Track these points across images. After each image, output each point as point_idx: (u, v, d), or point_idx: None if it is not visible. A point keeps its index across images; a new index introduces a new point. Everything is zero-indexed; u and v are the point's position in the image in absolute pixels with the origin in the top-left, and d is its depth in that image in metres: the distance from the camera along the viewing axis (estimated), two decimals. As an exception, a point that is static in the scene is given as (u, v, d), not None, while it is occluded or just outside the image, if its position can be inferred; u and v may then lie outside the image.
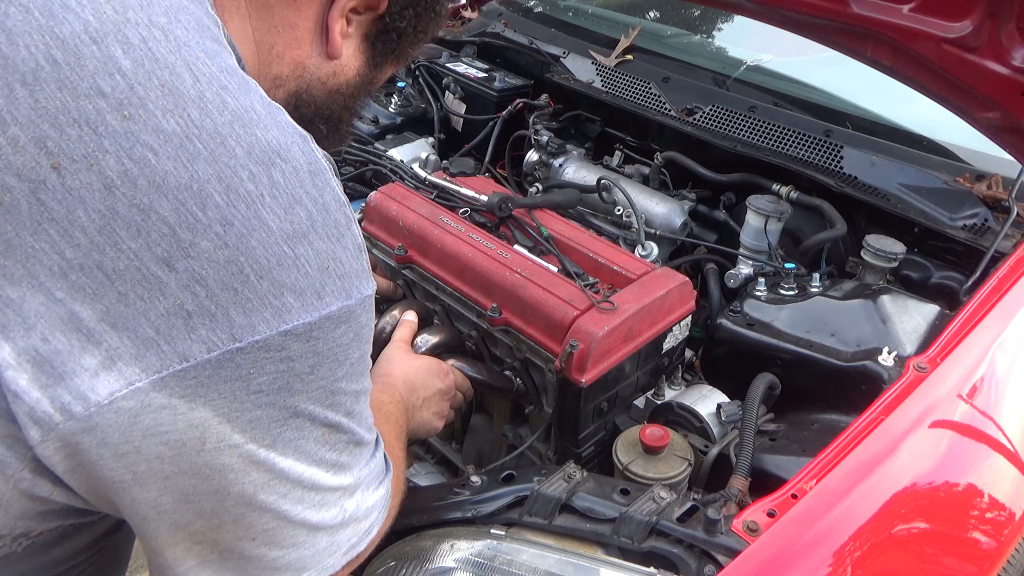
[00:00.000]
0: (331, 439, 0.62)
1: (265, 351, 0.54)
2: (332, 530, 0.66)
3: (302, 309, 0.55)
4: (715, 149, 1.69)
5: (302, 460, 0.60)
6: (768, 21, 1.68)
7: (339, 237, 0.59)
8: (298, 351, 0.56)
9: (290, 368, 0.56)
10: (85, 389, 0.51)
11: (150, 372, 0.51)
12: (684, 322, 1.28)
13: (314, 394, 0.59)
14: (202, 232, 0.52)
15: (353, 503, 0.67)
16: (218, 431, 0.54)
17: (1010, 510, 1.06)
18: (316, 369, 0.58)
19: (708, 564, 0.85)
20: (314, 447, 0.61)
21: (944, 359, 1.10)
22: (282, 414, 0.57)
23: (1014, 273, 1.26)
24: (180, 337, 0.52)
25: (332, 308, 0.57)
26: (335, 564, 0.67)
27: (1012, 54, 1.35)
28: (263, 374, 0.55)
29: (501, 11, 2.29)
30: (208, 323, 0.52)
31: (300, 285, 0.55)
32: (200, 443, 0.54)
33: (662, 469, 1.06)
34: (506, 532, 0.91)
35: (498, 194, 1.40)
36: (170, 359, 0.52)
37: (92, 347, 0.51)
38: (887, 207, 1.48)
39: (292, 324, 0.55)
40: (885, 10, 1.45)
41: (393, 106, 2.00)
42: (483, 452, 1.36)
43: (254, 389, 0.55)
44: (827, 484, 0.91)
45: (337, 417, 0.62)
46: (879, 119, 1.68)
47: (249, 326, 0.53)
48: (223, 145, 0.54)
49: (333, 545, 0.67)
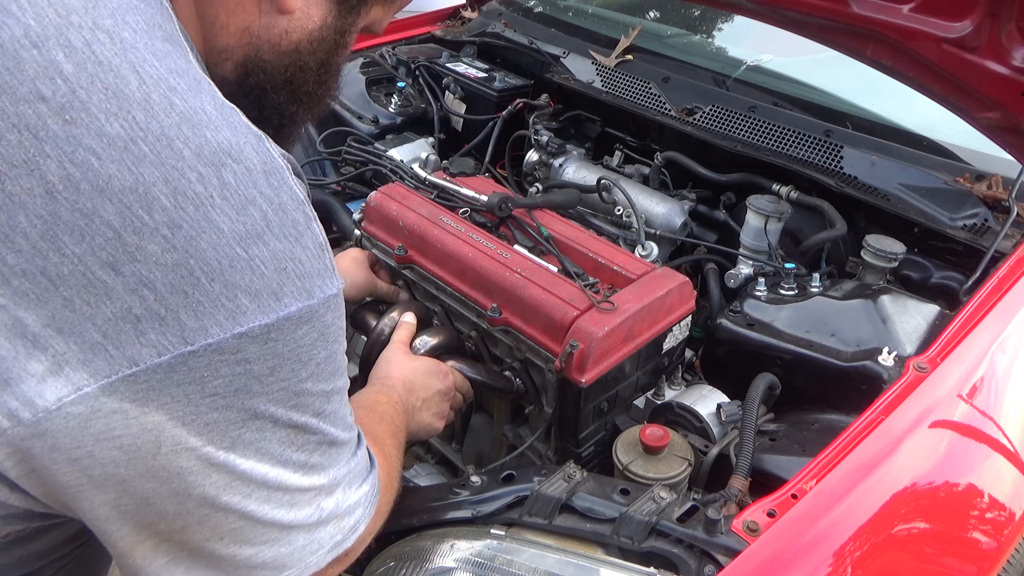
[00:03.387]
0: (298, 440, 0.61)
1: (219, 354, 0.53)
2: (310, 528, 0.65)
3: (258, 311, 0.55)
4: (715, 149, 1.69)
5: (265, 461, 0.59)
6: (768, 21, 1.68)
7: (297, 237, 0.58)
8: (255, 353, 0.55)
9: (247, 370, 0.55)
10: (32, 395, 0.50)
11: (99, 377, 0.51)
12: (684, 322, 1.28)
13: (275, 396, 0.58)
14: (149, 235, 0.51)
15: (332, 501, 0.66)
16: (173, 435, 0.54)
17: (1010, 510, 1.06)
18: (276, 371, 0.57)
19: (708, 564, 0.85)
20: (278, 448, 0.60)
21: (944, 359, 1.10)
22: (240, 416, 0.56)
23: (1014, 273, 1.26)
24: (129, 341, 0.51)
25: (291, 309, 0.57)
26: (318, 562, 0.67)
27: (1012, 54, 1.35)
28: (218, 377, 0.54)
29: (501, 11, 2.29)
30: (158, 327, 0.51)
31: (255, 287, 0.55)
32: (155, 447, 0.53)
33: (662, 469, 1.06)
34: (506, 532, 0.91)
35: (498, 194, 1.40)
36: (119, 364, 0.51)
37: (38, 353, 0.50)
38: (887, 207, 1.48)
39: (247, 326, 0.54)
40: (885, 10, 1.45)
41: (393, 106, 2.00)
42: (483, 452, 1.36)
43: (209, 392, 0.54)
44: (827, 484, 0.91)
45: (303, 418, 0.61)
46: (879, 119, 1.68)
47: (201, 329, 0.52)
48: (170, 147, 0.53)
49: (314, 543, 0.66)
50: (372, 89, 2.04)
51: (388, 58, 2.14)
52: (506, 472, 1.01)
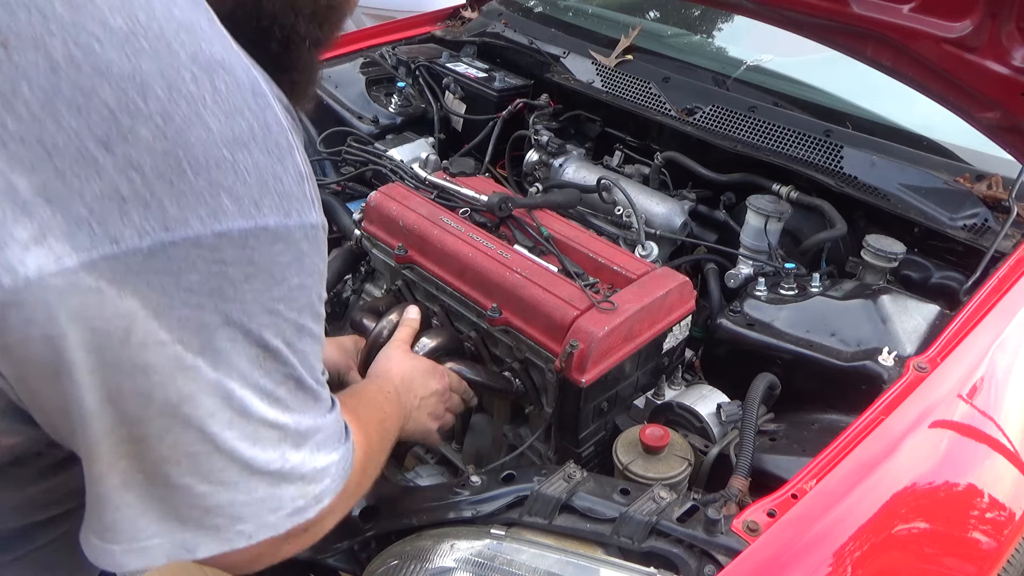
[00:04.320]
0: (266, 365, 0.61)
1: (197, 248, 0.54)
2: (272, 479, 0.64)
3: (238, 214, 0.56)
4: (715, 149, 1.69)
5: (233, 377, 0.59)
6: (768, 21, 1.68)
7: (280, 157, 0.59)
8: (232, 256, 0.56)
9: (223, 271, 0.56)
10: (15, 261, 0.51)
11: (80, 252, 0.51)
12: (684, 322, 1.28)
13: (248, 307, 0.58)
14: (142, 120, 0.53)
15: (299, 456, 0.65)
16: (145, 325, 0.54)
17: (1010, 510, 1.06)
18: (250, 280, 0.57)
19: (708, 564, 0.85)
20: (247, 366, 0.59)
21: (944, 359, 1.10)
22: (213, 319, 0.56)
23: (1014, 273, 1.26)
24: (113, 220, 0.52)
25: (269, 221, 0.57)
26: (277, 524, 0.65)
27: (1012, 54, 1.35)
28: (195, 272, 0.54)
29: (501, 11, 2.29)
30: (142, 210, 0.52)
31: (237, 190, 0.56)
32: (126, 335, 0.54)
33: (662, 469, 1.06)
34: (506, 532, 0.91)
35: (498, 194, 1.40)
36: (101, 241, 0.52)
37: (25, 219, 0.51)
38: (887, 207, 1.48)
39: (227, 227, 0.55)
40: (885, 10, 1.45)
41: (393, 106, 2.00)
42: (483, 452, 1.36)
43: (184, 286, 0.54)
44: (827, 484, 0.91)
45: (274, 341, 0.61)
46: (879, 119, 1.68)
47: (183, 220, 0.53)
48: (168, 47, 0.55)
49: (274, 499, 0.64)
50: (372, 89, 2.04)
51: (388, 58, 2.14)
52: (506, 472, 1.01)
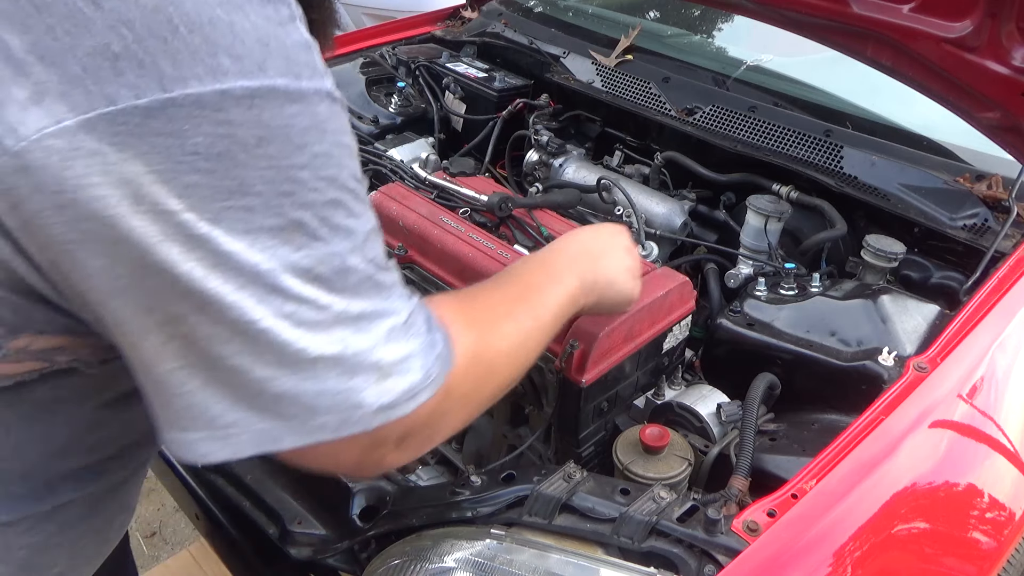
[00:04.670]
0: (295, 239, 0.56)
1: (199, 107, 0.51)
2: (338, 367, 0.59)
3: (240, 73, 0.52)
4: (715, 149, 1.69)
5: (256, 249, 0.54)
6: (768, 21, 1.68)
7: (280, 23, 0.56)
8: (239, 117, 0.52)
9: (231, 134, 0.52)
10: (15, 122, 0.50)
11: (77, 111, 0.50)
12: (684, 322, 1.28)
13: (265, 173, 0.54)
14: None
15: (364, 342, 0.59)
16: (152, 191, 0.51)
17: (1010, 510, 1.06)
18: (264, 143, 0.53)
19: (708, 564, 0.85)
20: (271, 239, 0.55)
21: (944, 359, 1.10)
22: (226, 184, 0.53)
23: (1014, 273, 1.26)
24: (107, 79, 0.50)
25: (277, 82, 0.54)
26: (363, 420, 0.60)
27: (1012, 54, 1.35)
28: (199, 134, 0.51)
29: (501, 11, 2.29)
30: (136, 69, 0.50)
31: (237, 50, 0.53)
32: (135, 202, 0.51)
33: (662, 469, 1.06)
34: (506, 532, 0.91)
35: (498, 194, 1.40)
36: (97, 100, 0.50)
37: (21, 79, 0.50)
38: (887, 207, 1.48)
39: (229, 85, 0.52)
40: (885, 10, 1.45)
41: (393, 106, 2.00)
42: (483, 452, 1.36)
43: (190, 150, 0.51)
44: (827, 484, 0.91)
45: (302, 214, 0.56)
46: (879, 119, 1.68)
47: (180, 78, 0.51)
48: None
49: (350, 391, 0.59)
50: (372, 89, 2.04)
51: (388, 58, 2.14)
52: (506, 472, 1.01)
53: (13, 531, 0.72)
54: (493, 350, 0.78)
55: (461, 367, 0.70)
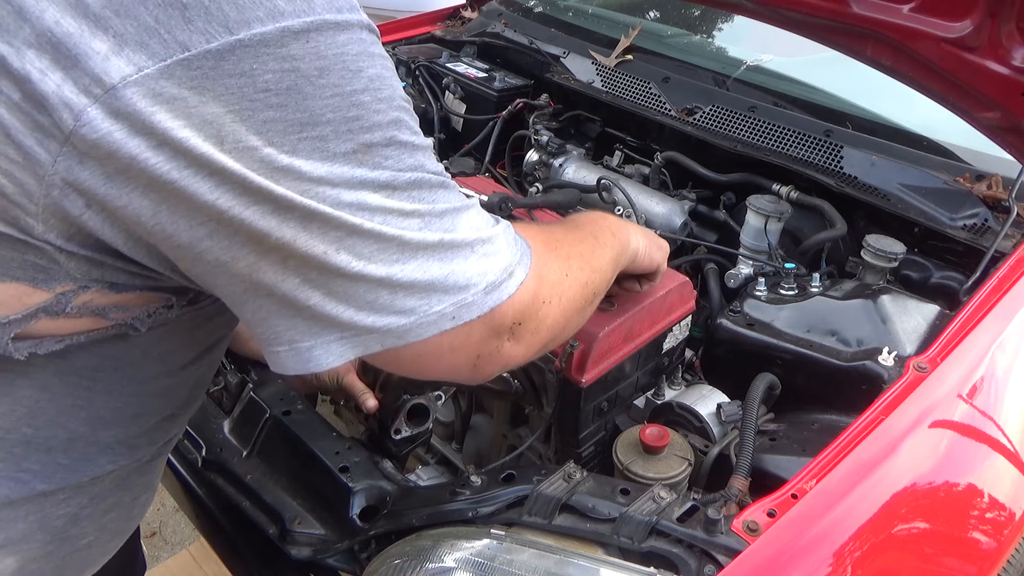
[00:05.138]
0: (369, 159, 0.61)
1: (264, 46, 0.55)
2: (440, 255, 0.65)
3: (294, 12, 0.57)
4: (715, 149, 1.69)
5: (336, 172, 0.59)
6: (768, 21, 1.68)
7: None
8: (300, 51, 0.57)
9: (295, 67, 0.57)
10: (100, 71, 0.53)
11: (156, 59, 0.53)
12: (684, 322, 1.28)
13: (331, 101, 0.59)
14: None
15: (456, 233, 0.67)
16: (233, 130, 0.56)
17: (1010, 510, 1.06)
18: (326, 74, 0.58)
19: (708, 564, 0.85)
20: (347, 163, 0.60)
21: (944, 359, 1.10)
22: (298, 116, 0.57)
23: (1014, 273, 1.26)
24: (179, 27, 0.54)
25: (326, 16, 0.58)
26: (478, 302, 0.67)
27: (1012, 54, 1.35)
28: (267, 71, 0.56)
29: (501, 11, 2.29)
30: (203, 16, 0.54)
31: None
32: (219, 141, 0.55)
33: (662, 469, 1.06)
34: (506, 532, 0.91)
35: (498, 194, 1.40)
36: (172, 47, 0.54)
37: (100, 32, 0.53)
38: (887, 207, 1.48)
39: (288, 22, 0.56)
40: (885, 10, 1.45)
41: (393, 106, 2.00)
42: (483, 452, 1.36)
43: (261, 87, 0.56)
44: (827, 484, 0.91)
45: (369, 136, 0.61)
46: (879, 119, 1.68)
47: (244, 21, 0.55)
48: None
49: (456, 273, 0.66)
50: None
51: (388, 58, 2.14)
52: (506, 472, 1.01)
53: (51, 501, 0.75)
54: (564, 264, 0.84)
55: (543, 257, 0.77)
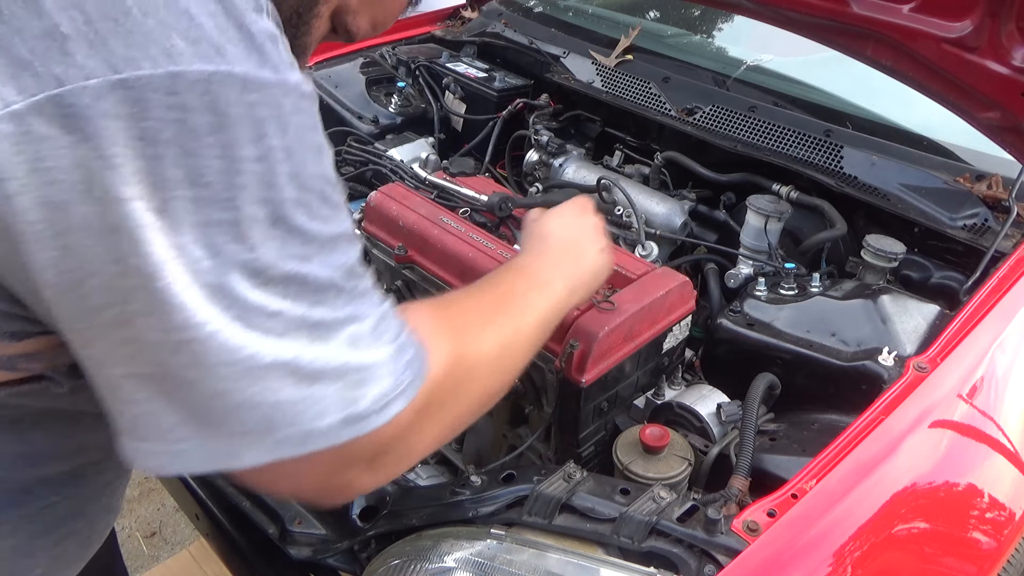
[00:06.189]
0: (248, 236, 0.52)
1: (151, 90, 0.49)
2: (298, 375, 0.55)
3: (195, 56, 0.50)
4: (715, 149, 1.69)
5: (202, 244, 0.51)
6: (768, 21, 1.68)
7: (245, 12, 0.53)
8: (193, 102, 0.49)
9: (183, 119, 0.49)
10: None
11: (26, 94, 0.48)
12: (684, 322, 1.28)
13: (217, 163, 0.51)
14: None
15: (327, 351, 0.56)
16: (103, 177, 0.49)
17: (1010, 510, 1.06)
18: (217, 132, 0.50)
19: (708, 564, 0.85)
20: (220, 235, 0.51)
21: (944, 359, 1.10)
22: (175, 174, 0.50)
23: (1014, 273, 1.26)
24: (56, 60, 0.48)
25: (236, 68, 0.51)
26: (330, 432, 0.56)
27: (1012, 54, 1.35)
28: (149, 118, 0.49)
29: (501, 11, 2.29)
30: (85, 49, 0.48)
31: (192, 34, 0.50)
32: (86, 187, 0.49)
33: (662, 469, 1.06)
34: (506, 532, 0.91)
35: (498, 194, 1.40)
36: (46, 82, 0.48)
37: None
38: (887, 207, 1.48)
39: (183, 67, 0.49)
40: (885, 10, 1.45)
41: (393, 106, 2.01)
42: (483, 452, 1.36)
43: (138, 134, 0.49)
44: (827, 484, 0.91)
45: (256, 210, 0.52)
46: (879, 119, 1.68)
47: (131, 59, 0.49)
48: None
49: (312, 400, 0.55)
50: (372, 89, 2.04)
51: (388, 58, 2.15)
52: (506, 472, 1.01)
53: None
54: (472, 358, 0.73)
55: (438, 376, 0.66)
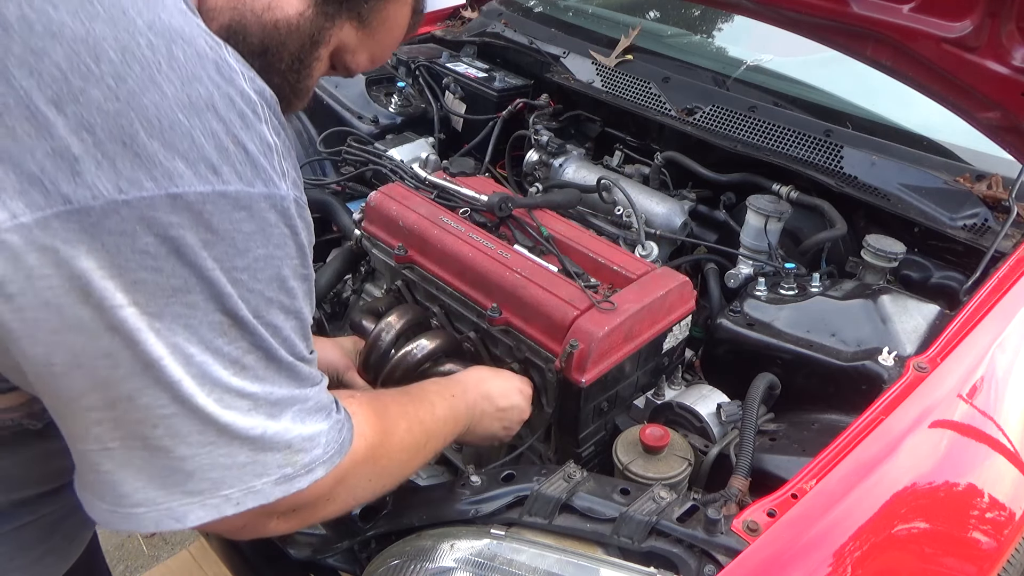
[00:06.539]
0: (230, 333, 0.60)
1: (152, 209, 0.54)
2: (253, 445, 0.63)
3: (194, 178, 0.55)
4: (715, 149, 1.69)
5: (193, 342, 0.58)
6: (768, 21, 1.68)
7: (244, 127, 0.58)
8: (189, 220, 0.55)
9: (180, 236, 0.55)
10: None
11: (34, 209, 0.52)
12: (684, 322, 1.28)
13: (208, 274, 0.57)
14: (94, 82, 0.53)
15: (279, 425, 0.64)
16: (101, 286, 0.54)
17: (1010, 510, 1.06)
18: (210, 246, 0.57)
19: (708, 564, 0.85)
20: (208, 333, 0.58)
21: (944, 359, 1.10)
22: (171, 283, 0.56)
23: (1014, 273, 1.26)
24: (65, 179, 0.52)
25: (229, 187, 0.57)
26: (266, 491, 0.64)
27: (1012, 54, 1.35)
28: (150, 234, 0.54)
29: (501, 11, 2.29)
30: (94, 170, 0.53)
31: (192, 155, 0.55)
32: (84, 295, 0.54)
33: (662, 469, 1.06)
34: (506, 532, 0.91)
35: (498, 194, 1.40)
36: (54, 199, 0.52)
37: None
38: (887, 207, 1.48)
39: (182, 189, 0.55)
40: (885, 10, 1.45)
41: (393, 106, 2.00)
42: (483, 452, 1.36)
43: (140, 248, 0.54)
44: (827, 484, 0.91)
45: (238, 310, 0.59)
46: (879, 119, 1.68)
47: (135, 181, 0.53)
48: (124, 14, 0.55)
49: (258, 465, 0.63)
50: (372, 89, 2.04)
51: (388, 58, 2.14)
52: (506, 472, 1.01)
53: None
54: (397, 456, 0.84)
55: (360, 456, 0.75)
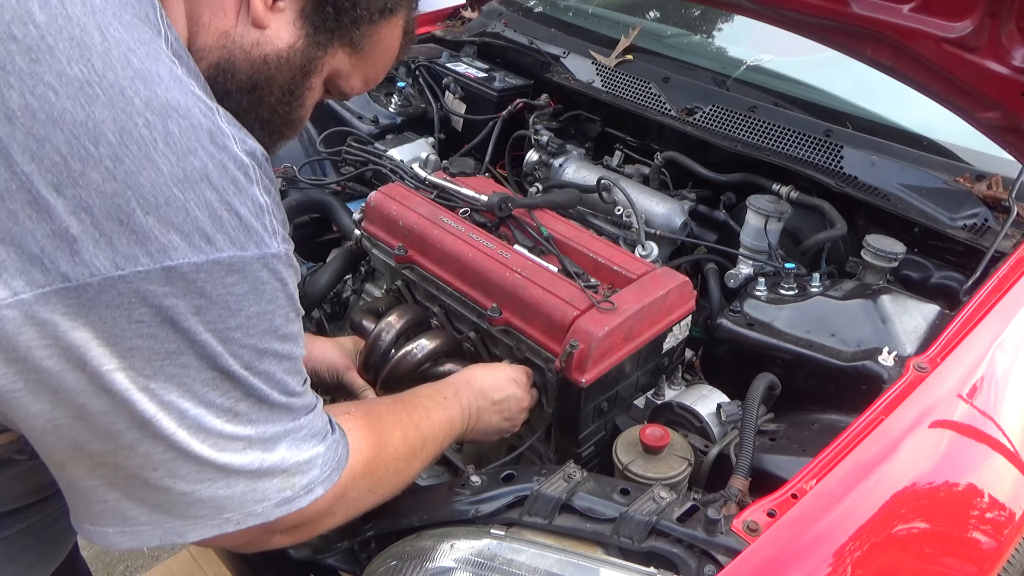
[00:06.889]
0: (223, 386, 0.63)
1: (147, 283, 0.57)
2: (250, 476, 0.67)
3: (188, 249, 0.58)
4: (715, 149, 1.69)
5: (187, 398, 0.62)
6: (768, 21, 1.68)
7: (236, 192, 0.61)
8: (182, 290, 0.59)
9: (174, 305, 0.59)
10: None
11: (34, 286, 0.55)
12: (684, 322, 1.28)
13: (201, 336, 0.61)
14: (93, 165, 0.56)
15: (275, 456, 0.68)
16: (98, 353, 0.57)
17: (1010, 510, 1.06)
18: (202, 312, 0.60)
19: (708, 564, 0.85)
20: (201, 388, 0.62)
21: (944, 359, 1.10)
22: (165, 347, 0.59)
23: (1014, 273, 1.26)
24: (64, 259, 0.55)
25: (223, 255, 0.60)
26: (266, 513, 0.69)
27: (1012, 54, 1.35)
28: (145, 305, 0.57)
29: (501, 11, 2.29)
30: (92, 248, 0.56)
31: (187, 227, 0.59)
32: (82, 362, 0.57)
33: (662, 469, 1.06)
34: (506, 532, 0.91)
35: (498, 194, 1.40)
36: (53, 277, 0.55)
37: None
38: (887, 207, 1.48)
39: (176, 262, 0.58)
40: (885, 10, 1.45)
41: (393, 106, 2.00)
42: (483, 452, 1.36)
43: (136, 319, 0.57)
44: (827, 484, 0.91)
45: (230, 366, 0.63)
46: (879, 119, 1.68)
47: (131, 256, 0.57)
48: (122, 94, 0.58)
49: (257, 492, 0.68)
50: (372, 89, 2.04)
51: (388, 58, 2.14)
52: (506, 472, 1.01)
53: None
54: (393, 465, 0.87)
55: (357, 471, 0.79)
